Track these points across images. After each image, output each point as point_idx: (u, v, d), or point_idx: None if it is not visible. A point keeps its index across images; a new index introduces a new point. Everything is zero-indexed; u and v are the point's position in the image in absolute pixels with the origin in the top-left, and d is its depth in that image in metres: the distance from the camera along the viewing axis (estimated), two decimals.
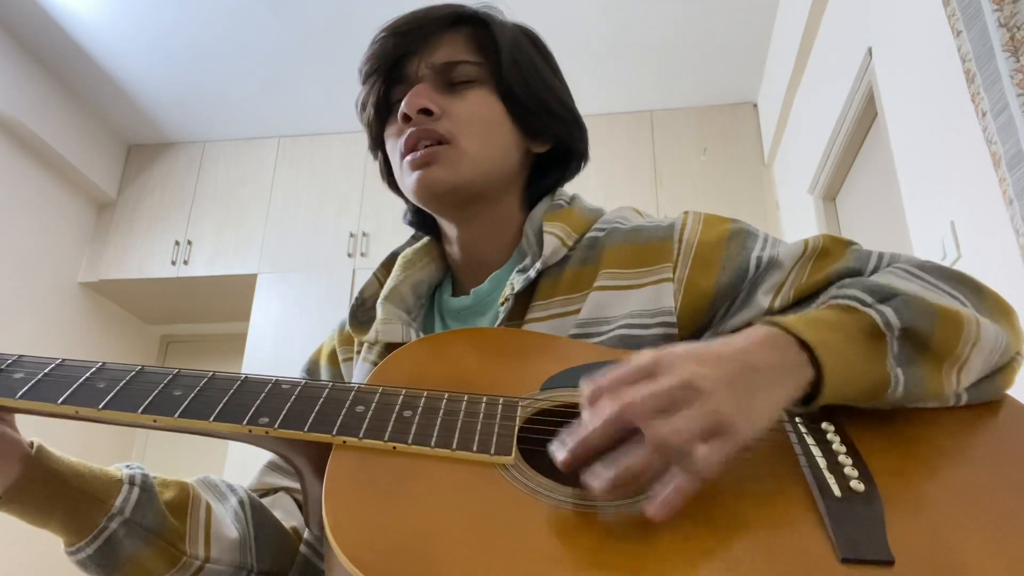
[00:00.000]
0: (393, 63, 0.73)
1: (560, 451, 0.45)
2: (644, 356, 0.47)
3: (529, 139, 0.76)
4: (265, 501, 0.71)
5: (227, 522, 0.64)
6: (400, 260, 0.79)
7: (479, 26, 0.74)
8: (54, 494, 0.56)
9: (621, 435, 0.45)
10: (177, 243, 3.77)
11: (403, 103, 0.70)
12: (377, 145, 0.78)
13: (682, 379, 0.45)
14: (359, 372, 0.74)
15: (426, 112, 0.69)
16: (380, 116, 0.75)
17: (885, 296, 0.55)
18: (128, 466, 0.61)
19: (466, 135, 0.70)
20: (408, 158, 0.70)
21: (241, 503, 0.67)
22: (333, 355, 0.79)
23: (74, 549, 0.57)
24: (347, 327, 0.78)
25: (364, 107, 0.76)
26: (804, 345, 0.51)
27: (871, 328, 0.53)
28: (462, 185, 0.70)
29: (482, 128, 0.71)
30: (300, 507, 0.72)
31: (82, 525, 0.56)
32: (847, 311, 0.54)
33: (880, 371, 0.52)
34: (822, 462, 0.50)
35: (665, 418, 0.43)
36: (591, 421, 0.45)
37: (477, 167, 0.70)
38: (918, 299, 0.55)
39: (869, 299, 0.55)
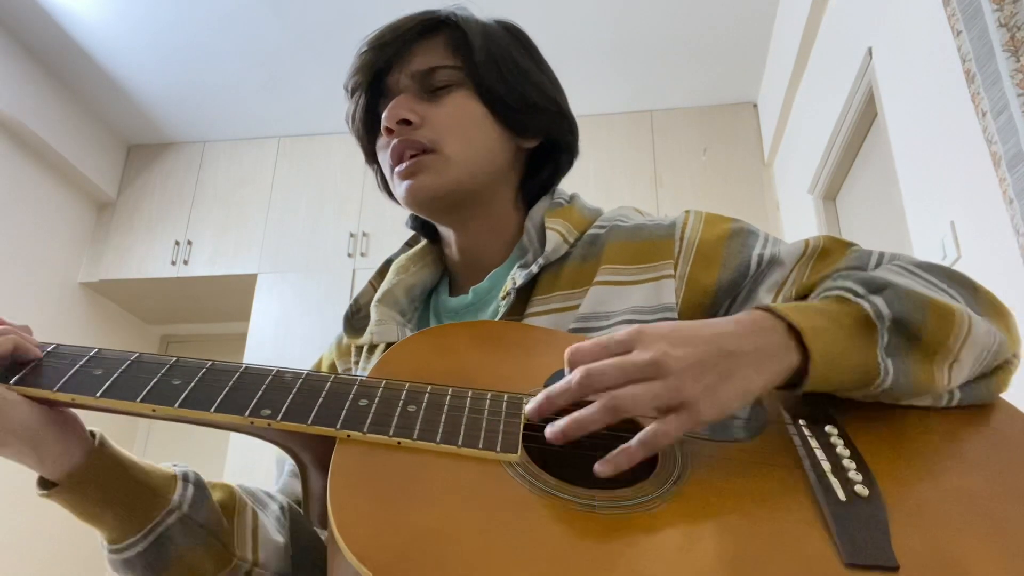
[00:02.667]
0: (374, 76, 0.73)
1: (531, 405, 0.49)
2: (624, 331, 0.49)
3: (516, 136, 0.75)
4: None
5: (272, 528, 0.64)
6: (394, 265, 0.79)
7: (453, 29, 0.74)
8: (115, 484, 0.55)
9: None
10: (177, 243, 3.77)
11: (383, 116, 0.71)
12: (371, 158, 0.79)
13: (651, 357, 0.46)
14: None
15: (406, 122, 0.70)
16: (369, 130, 0.76)
17: (877, 288, 0.56)
18: (176, 465, 0.60)
19: (449, 140, 0.70)
20: (396, 170, 0.71)
21: (282, 509, 0.67)
22: (332, 368, 0.79)
23: (123, 546, 0.55)
24: (344, 339, 0.79)
25: (353, 122, 0.77)
26: (793, 330, 0.51)
27: (862, 318, 0.53)
28: (451, 190, 0.70)
29: (464, 131, 0.71)
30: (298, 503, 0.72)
31: (138, 519, 0.55)
32: (839, 301, 0.55)
33: (869, 361, 0.52)
34: (826, 465, 0.49)
35: (625, 387, 0.46)
36: (564, 382, 0.48)
37: (464, 170, 0.70)
38: (910, 291, 0.55)
39: (861, 290, 0.56)
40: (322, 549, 0.67)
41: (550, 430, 0.47)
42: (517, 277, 0.68)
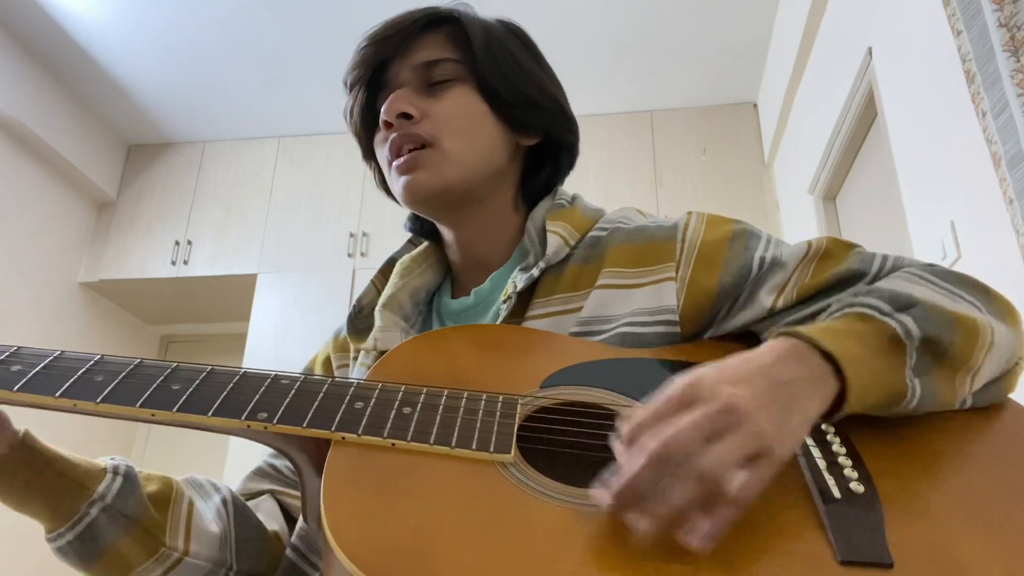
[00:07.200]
0: (374, 70, 0.73)
1: (604, 494, 0.43)
2: (676, 385, 0.45)
3: (516, 133, 0.75)
4: (249, 504, 0.71)
5: (209, 518, 0.65)
6: (398, 267, 0.79)
7: (455, 25, 0.74)
8: (37, 476, 0.56)
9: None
10: (177, 243, 3.77)
11: (382, 109, 0.70)
12: (368, 154, 0.78)
13: (722, 403, 0.43)
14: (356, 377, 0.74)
15: (406, 116, 0.70)
16: (367, 124, 0.76)
17: (903, 305, 0.54)
18: (113, 458, 0.62)
19: (448, 135, 0.70)
20: (394, 164, 0.71)
21: (224, 501, 0.68)
22: (327, 362, 0.79)
23: (54, 535, 0.57)
24: (342, 334, 0.78)
25: (351, 117, 0.76)
26: (826, 356, 0.49)
27: (891, 338, 0.52)
28: (449, 187, 0.70)
29: (463, 126, 0.71)
30: (283, 509, 0.73)
31: (63, 510, 0.57)
32: (865, 320, 0.53)
33: (898, 382, 0.51)
34: (822, 463, 0.49)
35: (709, 448, 0.42)
36: (636, 461, 0.42)
37: (462, 166, 0.70)
38: (936, 307, 0.54)
39: (887, 307, 0.54)
40: (264, 540, 0.69)
41: (644, 524, 0.42)
42: (518, 280, 0.68)
